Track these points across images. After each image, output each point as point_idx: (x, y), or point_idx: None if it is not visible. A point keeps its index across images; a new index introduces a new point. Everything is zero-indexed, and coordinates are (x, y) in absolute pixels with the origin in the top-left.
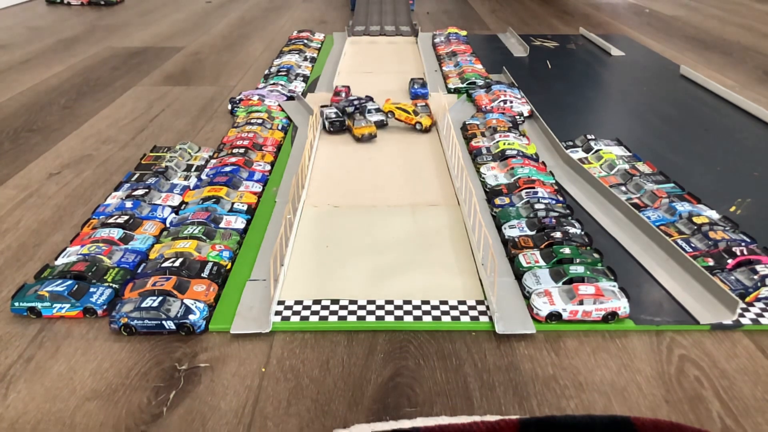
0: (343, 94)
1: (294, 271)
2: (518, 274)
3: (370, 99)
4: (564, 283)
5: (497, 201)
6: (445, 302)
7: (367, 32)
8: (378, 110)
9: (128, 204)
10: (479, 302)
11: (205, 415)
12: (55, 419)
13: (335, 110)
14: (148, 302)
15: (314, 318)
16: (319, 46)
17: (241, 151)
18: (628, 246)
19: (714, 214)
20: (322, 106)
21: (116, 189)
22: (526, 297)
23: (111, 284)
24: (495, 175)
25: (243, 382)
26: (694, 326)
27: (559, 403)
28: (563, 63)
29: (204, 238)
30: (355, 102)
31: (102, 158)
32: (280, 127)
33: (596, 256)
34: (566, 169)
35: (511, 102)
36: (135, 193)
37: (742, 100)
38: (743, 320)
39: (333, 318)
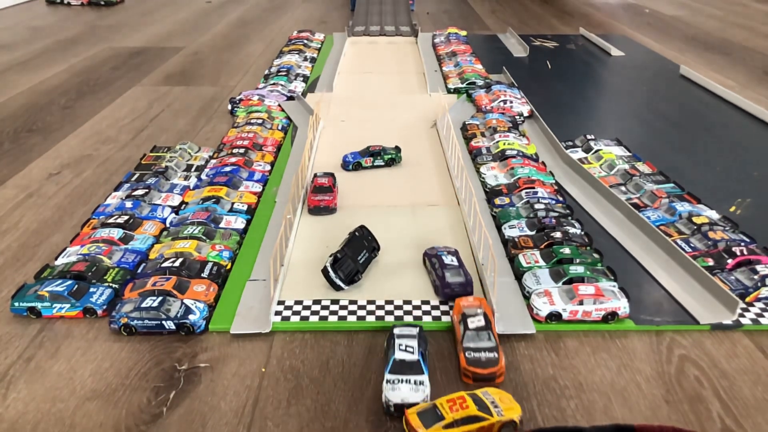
0: (328, 191)
1: (294, 271)
2: (518, 274)
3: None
4: (564, 283)
5: (497, 201)
6: (445, 302)
7: (367, 32)
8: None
9: (128, 204)
10: None
11: (205, 415)
12: (55, 419)
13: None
14: (148, 302)
15: (314, 318)
16: (319, 46)
17: (241, 151)
18: (628, 246)
19: (714, 214)
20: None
21: (116, 189)
22: (526, 297)
23: (111, 284)
24: (495, 175)
25: (243, 382)
26: (694, 326)
27: (559, 403)
28: (563, 63)
29: (204, 238)
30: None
31: (102, 158)
32: (280, 127)
33: (596, 256)
34: (566, 169)
35: (511, 102)
36: (135, 193)
37: (742, 100)
38: (743, 320)
39: (333, 318)
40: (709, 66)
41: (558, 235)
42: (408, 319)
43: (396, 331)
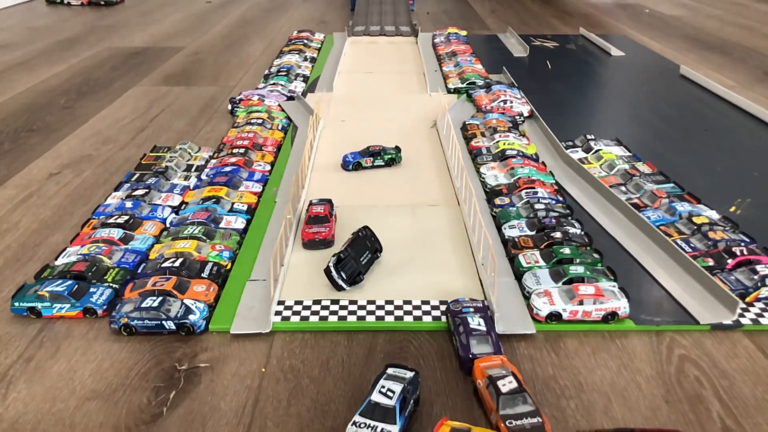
0: (324, 222)
1: (294, 271)
2: (518, 274)
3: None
4: (564, 283)
5: (497, 201)
6: (444, 302)
7: (367, 32)
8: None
9: (128, 204)
10: None
11: (205, 415)
12: (55, 419)
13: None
14: (148, 302)
15: (314, 318)
16: (319, 46)
17: (241, 151)
18: (628, 246)
19: (714, 214)
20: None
21: (116, 189)
22: (526, 297)
23: (111, 284)
24: (495, 175)
25: (243, 382)
26: (694, 326)
27: (559, 403)
28: (563, 63)
29: (204, 238)
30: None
31: (102, 158)
32: (280, 127)
33: (596, 256)
34: (566, 169)
35: (511, 102)
36: (135, 193)
37: (742, 100)
38: (743, 320)
39: (333, 318)
40: (709, 66)
41: (558, 235)
42: (408, 319)
43: (389, 370)
